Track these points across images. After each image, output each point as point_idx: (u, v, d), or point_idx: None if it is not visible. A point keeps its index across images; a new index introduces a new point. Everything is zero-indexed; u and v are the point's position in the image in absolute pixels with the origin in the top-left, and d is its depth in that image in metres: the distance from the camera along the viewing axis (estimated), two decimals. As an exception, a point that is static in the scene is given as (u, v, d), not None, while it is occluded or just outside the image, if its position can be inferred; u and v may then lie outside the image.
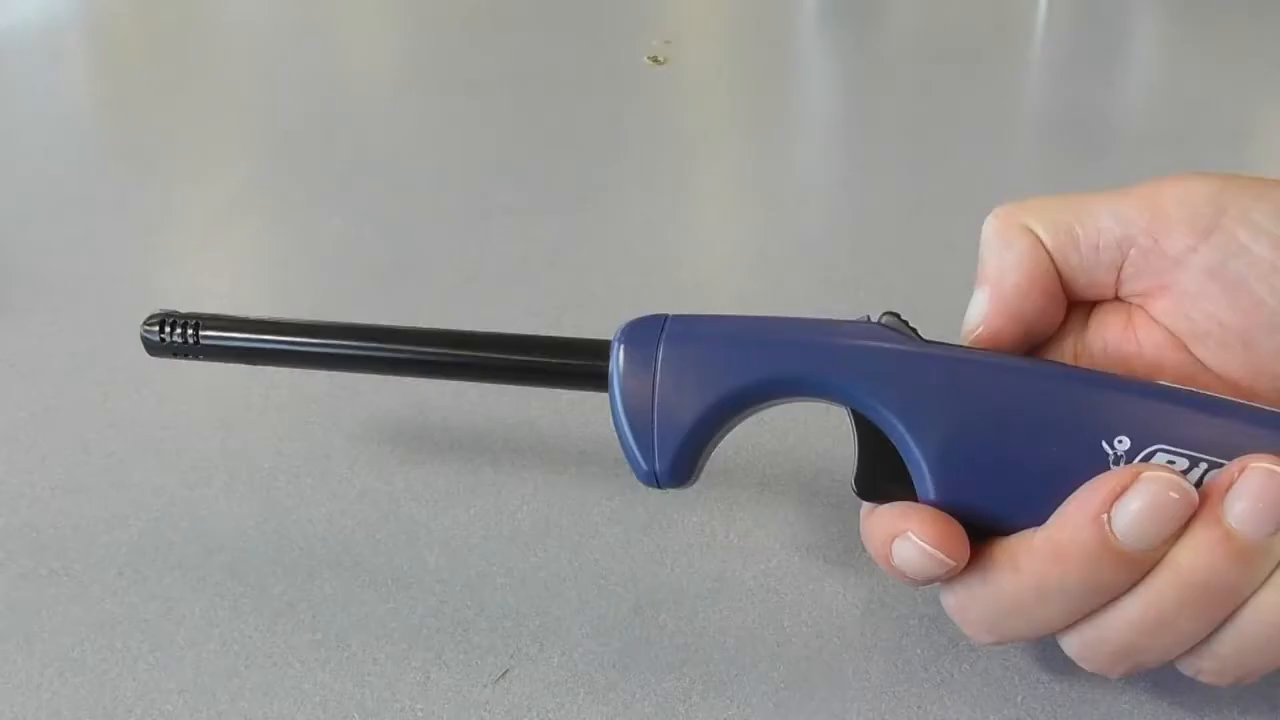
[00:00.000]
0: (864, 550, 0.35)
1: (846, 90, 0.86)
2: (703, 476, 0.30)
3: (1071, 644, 0.27)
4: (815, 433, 0.41)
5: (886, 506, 0.28)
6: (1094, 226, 0.28)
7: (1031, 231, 0.28)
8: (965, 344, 0.29)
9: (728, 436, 0.30)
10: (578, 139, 0.71)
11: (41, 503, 0.39)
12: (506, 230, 0.58)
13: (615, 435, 0.29)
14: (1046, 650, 0.32)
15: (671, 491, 0.30)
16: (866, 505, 0.29)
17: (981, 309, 0.29)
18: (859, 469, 0.29)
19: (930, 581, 0.27)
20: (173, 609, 0.34)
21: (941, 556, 0.26)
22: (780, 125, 0.76)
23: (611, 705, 0.31)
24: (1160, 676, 0.31)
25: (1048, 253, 0.28)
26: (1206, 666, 0.27)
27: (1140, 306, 0.29)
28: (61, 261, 0.56)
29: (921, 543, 0.26)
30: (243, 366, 0.36)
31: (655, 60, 0.86)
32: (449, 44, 0.95)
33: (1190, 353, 0.28)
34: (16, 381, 0.46)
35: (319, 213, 0.61)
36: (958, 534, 0.27)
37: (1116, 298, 0.29)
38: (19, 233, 0.59)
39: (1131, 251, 0.28)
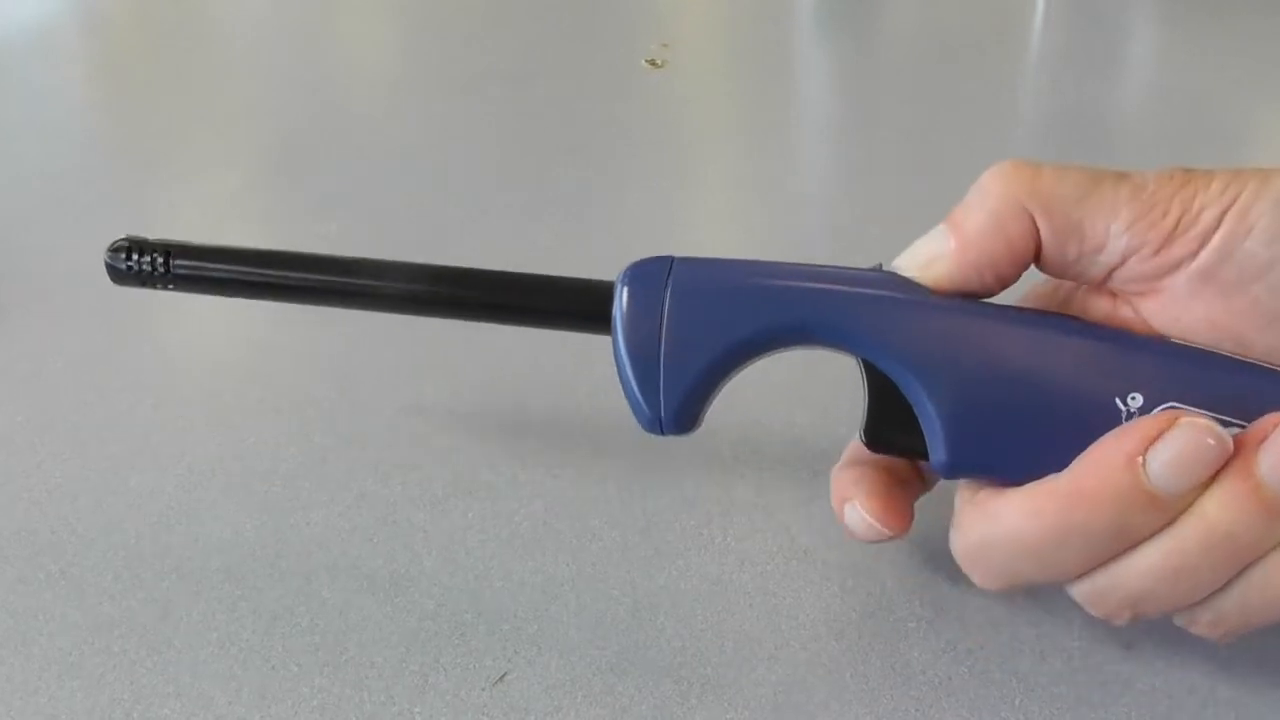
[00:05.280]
0: (862, 553, 0.35)
1: (844, 92, 0.86)
2: (701, 478, 0.30)
3: (1083, 589, 0.27)
4: (814, 435, 0.41)
5: (846, 470, 0.31)
6: (1104, 230, 0.27)
7: (1031, 220, 0.27)
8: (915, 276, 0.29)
9: (727, 440, 0.30)
10: (575, 141, 0.71)
11: (38, 506, 0.39)
12: (503, 232, 0.58)
13: (617, 381, 0.29)
14: (1045, 654, 0.32)
15: (673, 437, 0.29)
16: (845, 459, 0.31)
17: (946, 268, 0.28)
18: (868, 419, 0.28)
19: (875, 542, 0.31)
20: (170, 612, 0.34)
21: (879, 528, 0.30)
22: (778, 127, 0.76)
23: (609, 708, 0.31)
24: (1159, 679, 0.31)
25: (1039, 244, 0.27)
26: (1204, 619, 0.27)
27: (1126, 300, 0.29)
28: (59, 263, 0.56)
29: (864, 513, 0.30)
30: (242, 364, 0.36)
31: (653, 63, 0.86)
32: (447, 45, 0.95)
33: None
34: (13, 384, 0.46)
35: (317, 212, 0.61)
36: (899, 509, 0.30)
37: (1102, 285, 0.29)
38: (16, 234, 0.59)
39: (1132, 259, 0.27)
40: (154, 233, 0.35)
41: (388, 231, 0.58)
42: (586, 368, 0.44)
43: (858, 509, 0.30)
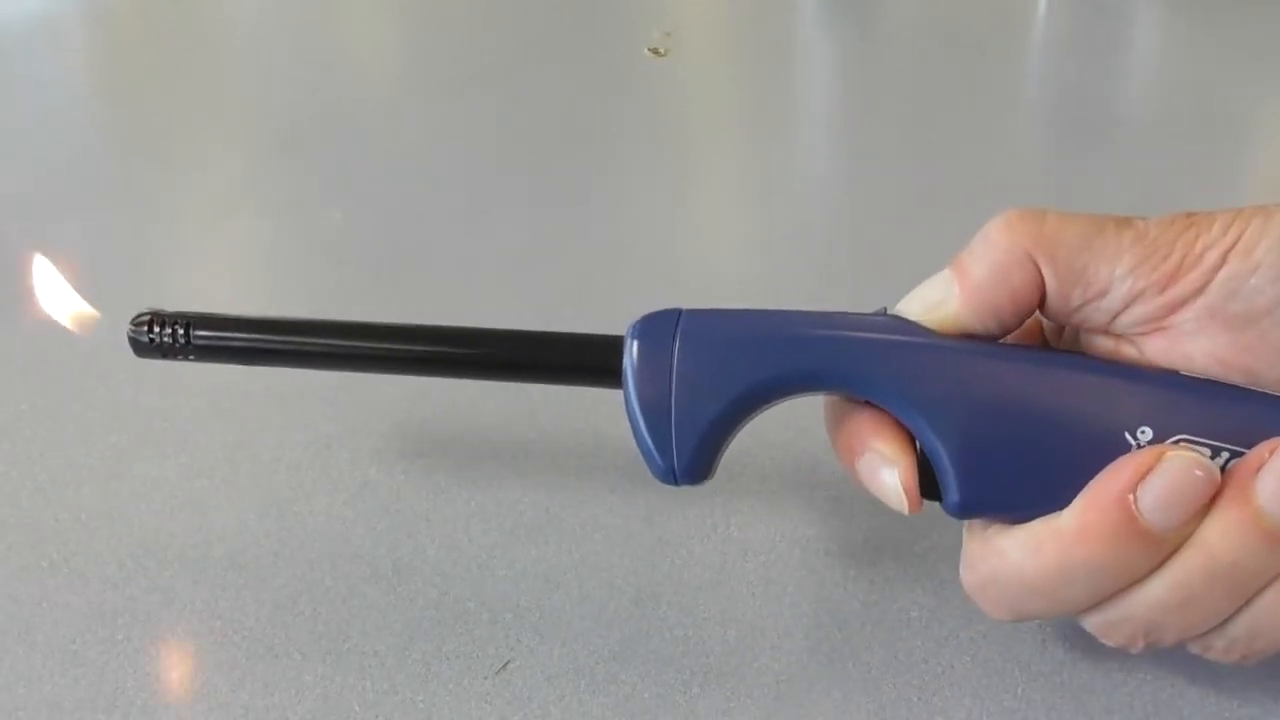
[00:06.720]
0: (865, 542, 0.35)
1: (848, 81, 0.85)
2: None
3: (1094, 621, 0.27)
4: (817, 425, 0.41)
5: (882, 422, 0.29)
6: (1107, 276, 0.27)
7: (1036, 268, 0.27)
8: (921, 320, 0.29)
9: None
10: (577, 131, 0.71)
11: (42, 495, 0.39)
12: (506, 223, 0.58)
13: (629, 431, 0.29)
14: (1047, 642, 0.32)
15: (686, 488, 0.30)
16: (835, 405, 0.30)
17: (950, 312, 0.28)
18: None
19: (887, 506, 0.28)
20: (173, 601, 0.34)
21: (909, 506, 0.28)
22: (782, 116, 0.76)
23: (612, 697, 0.31)
24: (1161, 668, 0.31)
25: (1043, 292, 0.27)
26: (1217, 645, 0.27)
27: (1130, 340, 0.28)
28: (62, 253, 0.55)
29: (901, 484, 0.27)
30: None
31: (655, 52, 0.85)
32: (449, 35, 0.95)
33: None
34: (17, 373, 0.46)
35: (319, 205, 0.61)
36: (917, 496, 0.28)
37: (1105, 330, 0.28)
38: (19, 224, 0.59)
39: (1135, 303, 0.27)
40: (155, 223, 0.35)
41: (392, 221, 0.58)
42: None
43: (898, 477, 0.28)
